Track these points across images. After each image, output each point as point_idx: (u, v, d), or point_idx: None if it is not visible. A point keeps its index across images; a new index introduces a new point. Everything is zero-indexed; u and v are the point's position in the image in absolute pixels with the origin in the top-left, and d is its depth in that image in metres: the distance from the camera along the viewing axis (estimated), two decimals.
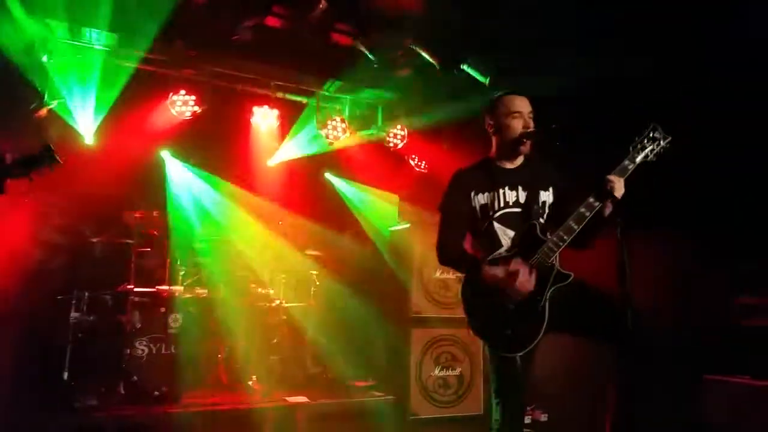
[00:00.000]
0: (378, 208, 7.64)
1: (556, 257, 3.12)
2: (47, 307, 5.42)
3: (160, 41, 5.75)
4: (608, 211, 3.11)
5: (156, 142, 6.65)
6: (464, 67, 3.60)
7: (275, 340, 6.09)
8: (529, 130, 3.28)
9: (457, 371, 6.04)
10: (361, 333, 6.91)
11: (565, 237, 3.07)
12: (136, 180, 6.31)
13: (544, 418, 5.92)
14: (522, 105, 3.31)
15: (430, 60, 5.95)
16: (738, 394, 4.58)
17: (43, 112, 4.06)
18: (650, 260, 4.94)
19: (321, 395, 5.83)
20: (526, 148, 3.32)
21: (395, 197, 7.55)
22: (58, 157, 3.41)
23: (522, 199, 3.27)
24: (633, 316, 2.94)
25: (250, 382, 5.84)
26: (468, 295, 3.24)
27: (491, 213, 3.25)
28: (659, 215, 4.91)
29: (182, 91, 6.22)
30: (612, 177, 3.07)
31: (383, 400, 5.95)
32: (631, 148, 3.16)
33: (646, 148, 3.15)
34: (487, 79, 4.89)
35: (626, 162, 3.13)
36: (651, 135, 3.17)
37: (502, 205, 3.26)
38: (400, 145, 7.37)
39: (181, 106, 6.22)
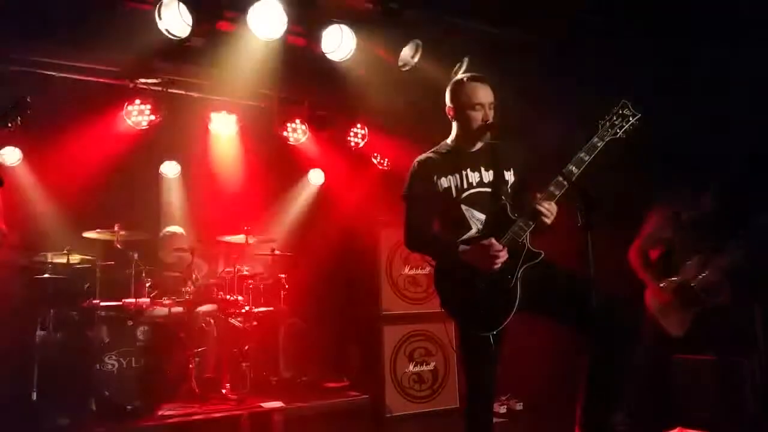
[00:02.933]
0: (343, 206, 7.62)
1: (526, 236, 3.16)
2: (11, 327, 5.31)
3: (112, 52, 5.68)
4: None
5: (114, 154, 6.54)
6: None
7: (246, 347, 6.04)
8: (489, 123, 3.29)
9: (432, 366, 6.09)
10: (333, 334, 6.93)
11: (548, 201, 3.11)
12: (97, 194, 6.21)
13: (519, 406, 6.01)
14: (484, 95, 3.30)
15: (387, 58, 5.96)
16: (704, 373, 4.72)
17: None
18: (614, 244, 5.04)
19: (296, 399, 5.80)
20: (485, 137, 3.35)
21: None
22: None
23: (486, 179, 3.30)
24: (598, 299, 2.99)
25: (223, 391, 5.80)
26: (441, 277, 3.29)
27: (456, 195, 3.28)
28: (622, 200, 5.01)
29: (137, 101, 6.13)
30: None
31: (359, 400, 5.96)
32: (599, 125, 3.20)
33: (615, 125, 3.18)
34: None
35: (595, 139, 3.17)
36: (620, 112, 3.21)
37: (466, 186, 3.28)
38: (361, 144, 7.37)
39: (137, 116, 6.14)
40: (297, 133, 7.04)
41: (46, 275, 5.65)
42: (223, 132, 6.98)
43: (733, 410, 4.52)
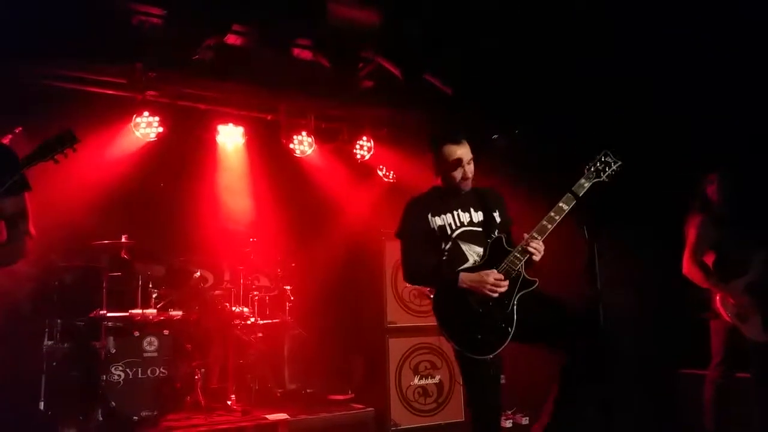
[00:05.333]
0: (348, 218, 7.64)
1: (521, 266, 3.37)
2: (19, 337, 5.34)
3: (120, 64, 5.74)
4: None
5: (122, 166, 6.58)
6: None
7: (252, 359, 6.05)
8: (468, 177, 3.58)
9: (437, 379, 6.08)
10: (338, 346, 6.92)
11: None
12: (105, 205, 6.24)
13: (525, 421, 5.99)
14: (461, 153, 3.54)
15: (392, 71, 6.02)
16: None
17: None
18: (618, 259, 5.03)
19: (301, 411, 5.80)
20: (467, 188, 3.62)
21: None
22: (76, 138, 3.54)
23: (476, 219, 3.58)
24: (604, 313, 3.16)
25: (229, 402, 5.81)
26: (440, 303, 3.46)
27: (450, 233, 3.54)
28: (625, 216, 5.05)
29: (145, 113, 6.18)
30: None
31: (364, 413, 5.95)
32: (585, 170, 3.51)
33: (599, 171, 3.48)
34: None
35: (582, 180, 3.48)
36: (603, 159, 3.51)
37: (458, 224, 3.56)
38: (367, 157, 7.41)
39: (145, 128, 6.18)
40: (303, 145, 7.08)
41: (55, 285, 5.68)
42: (230, 144, 7.02)
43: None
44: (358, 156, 7.38)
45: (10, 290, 5.48)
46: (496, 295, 3.29)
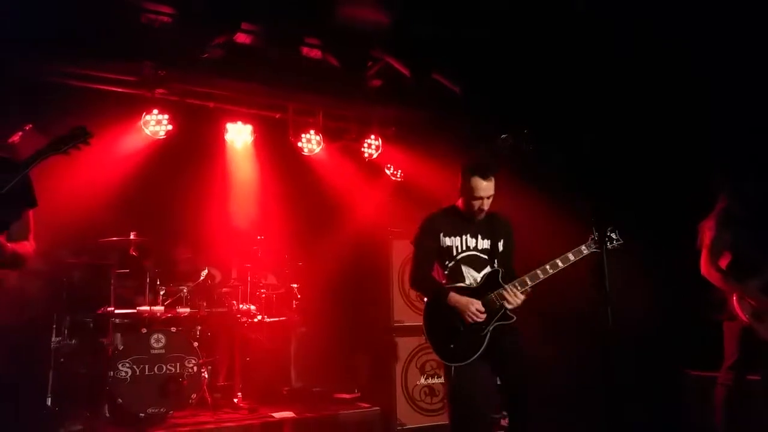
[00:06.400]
0: (356, 217, 7.64)
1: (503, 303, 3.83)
2: (27, 334, 5.37)
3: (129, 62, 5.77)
4: None
5: (131, 163, 6.60)
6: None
7: (258, 356, 6.07)
8: (482, 209, 3.99)
9: (443, 378, 6.03)
10: (345, 345, 6.92)
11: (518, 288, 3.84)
12: (113, 202, 6.27)
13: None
14: (486, 190, 3.94)
15: (401, 70, 6.02)
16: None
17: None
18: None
19: (307, 409, 5.81)
20: (481, 217, 4.03)
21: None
22: (89, 132, 3.62)
23: (481, 246, 4.04)
24: (613, 314, 3.31)
25: (235, 400, 5.83)
26: (429, 311, 4.00)
27: (456, 254, 4.00)
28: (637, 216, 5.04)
29: (155, 111, 6.20)
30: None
31: (370, 412, 5.95)
32: (589, 238, 3.85)
33: (602, 242, 3.74)
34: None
35: (582, 247, 3.85)
36: (608, 234, 3.86)
37: (464, 248, 4.01)
38: (375, 155, 7.41)
39: (155, 125, 6.21)
40: (311, 143, 7.08)
41: (63, 282, 5.71)
42: (239, 142, 7.04)
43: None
44: (366, 155, 7.39)
45: (19, 286, 5.52)
46: (473, 321, 3.78)
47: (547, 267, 3.83)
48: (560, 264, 3.83)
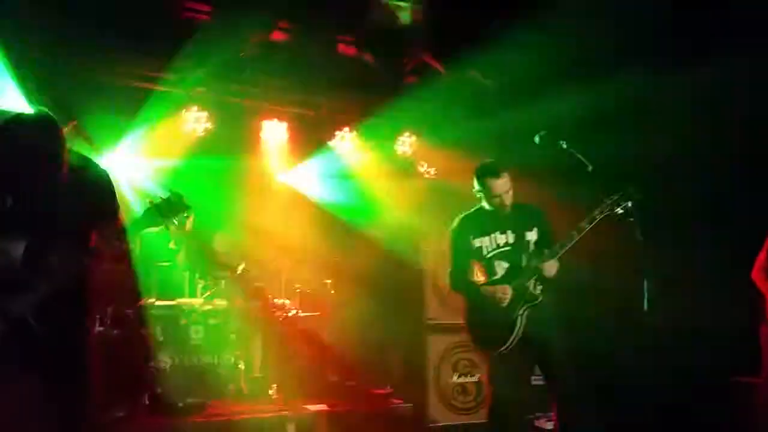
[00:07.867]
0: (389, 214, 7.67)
1: (531, 283, 3.98)
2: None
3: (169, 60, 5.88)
4: None
5: (171, 159, 6.74)
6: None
7: (293, 350, 6.15)
8: (506, 204, 4.05)
9: (476, 377, 6.00)
10: (378, 341, 6.95)
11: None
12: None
13: (549, 425, 5.90)
14: (503, 186, 4.01)
15: (436, 66, 6.04)
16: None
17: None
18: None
19: (340, 403, 5.88)
20: (507, 209, 4.08)
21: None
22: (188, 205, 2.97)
23: (510, 240, 4.11)
24: (650, 293, 3.49)
25: (270, 392, 5.92)
26: (468, 309, 4.20)
27: (486, 254, 4.14)
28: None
29: (194, 108, 6.32)
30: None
31: (402, 408, 5.97)
32: (601, 201, 3.86)
33: (617, 206, 3.80)
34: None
35: (596, 212, 3.86)
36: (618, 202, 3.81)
37: (494, 246, 4.13)
38: (409, 152, 7.43)
39: (194, 123, 6.33)
40: (345, 141, 7.14)
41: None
42: (274, 140, 7.13)
43: None
44: (400, 152, 7.42)
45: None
46: (504, 303, 3.92)
47: (574, 233, 3.90)
48: (585, 225, 3.88)
